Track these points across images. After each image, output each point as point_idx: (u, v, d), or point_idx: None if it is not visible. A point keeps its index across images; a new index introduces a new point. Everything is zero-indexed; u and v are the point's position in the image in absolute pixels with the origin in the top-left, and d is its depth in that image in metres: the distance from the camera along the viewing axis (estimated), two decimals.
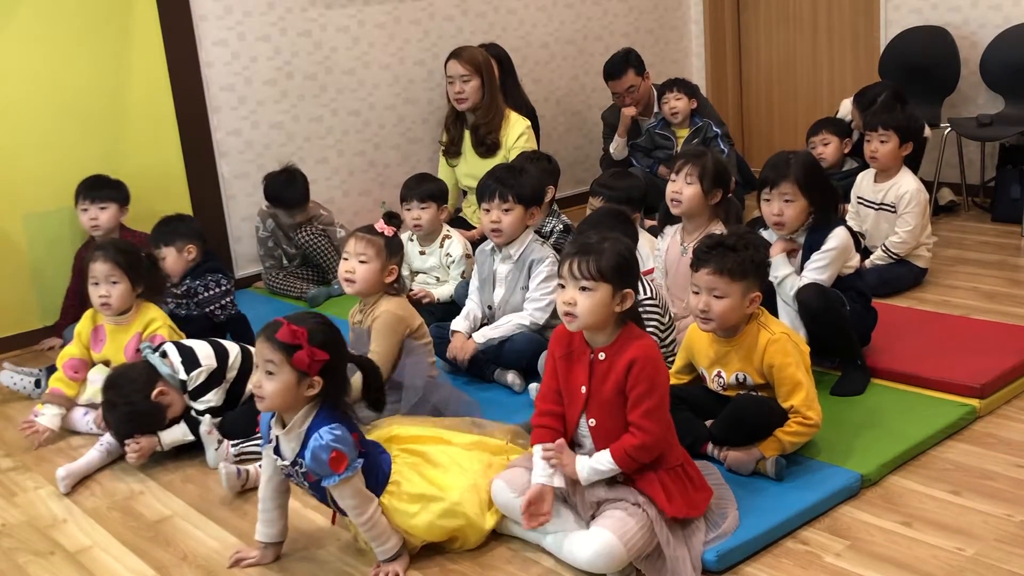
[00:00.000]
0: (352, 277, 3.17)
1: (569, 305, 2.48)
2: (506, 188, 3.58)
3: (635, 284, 2.55)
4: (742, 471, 2.81)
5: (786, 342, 2.80)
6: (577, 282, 2.48)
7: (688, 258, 3.47)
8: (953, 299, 4.19)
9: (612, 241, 2.54)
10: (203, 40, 4.87)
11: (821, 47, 6.38)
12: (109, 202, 4.31)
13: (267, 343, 2.44)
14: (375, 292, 3.21)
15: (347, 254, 3.19)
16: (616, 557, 2.40)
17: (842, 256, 3.38)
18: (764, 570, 2.47)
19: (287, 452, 2.50)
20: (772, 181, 3.38)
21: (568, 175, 5.70)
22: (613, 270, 2.47)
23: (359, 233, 3.21)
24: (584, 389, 2.54)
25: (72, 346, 3.60)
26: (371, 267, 3.16)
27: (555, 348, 2.63)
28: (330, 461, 2.39)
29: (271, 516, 2.64)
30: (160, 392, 3.19)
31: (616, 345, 2.51)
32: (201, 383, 3.28)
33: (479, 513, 2.61)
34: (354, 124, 5.42)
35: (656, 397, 2.47)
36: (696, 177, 3.53)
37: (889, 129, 4.27)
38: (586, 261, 2.47)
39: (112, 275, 3.49)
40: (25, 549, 2.86)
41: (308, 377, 2.44)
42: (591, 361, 2.53)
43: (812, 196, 3.36)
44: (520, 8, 5.97)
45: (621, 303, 2.49)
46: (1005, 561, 2.42)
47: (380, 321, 3.15)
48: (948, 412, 3.12)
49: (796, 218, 3.38)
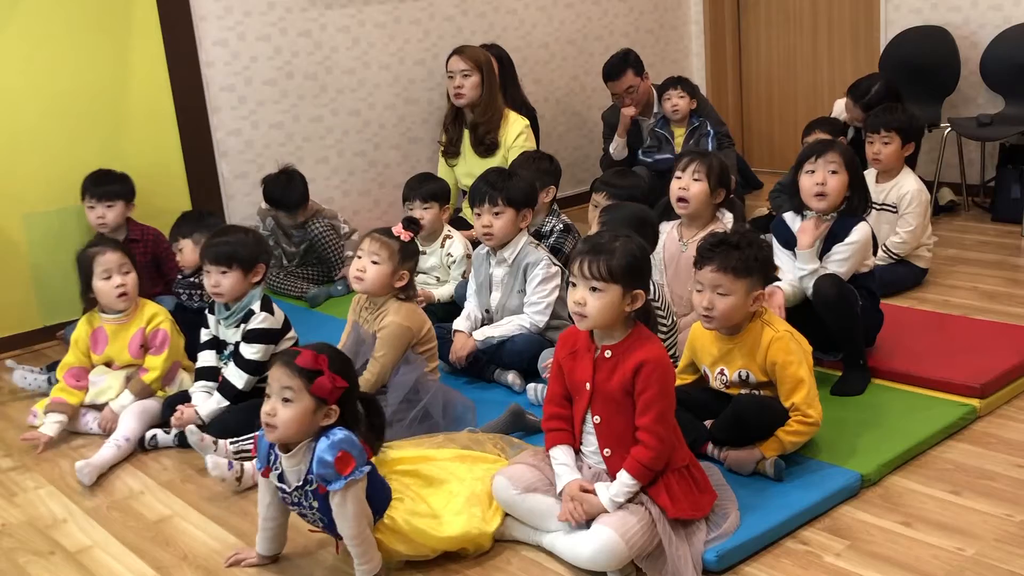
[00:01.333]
0: (362, 276, 3.17)
1: (579, 305, 2.48)
2: (496, 192, 3.59)
3: (646, 284, 2.55)
4: (742, 471, 2.81)
5: (789, 340, 2.80)
6: (588, 282, 2.47)
7: (687, 254, 3.49)
8: (953, 299, 4.19)
9: (624, 240, 2.52)
10: (203, 40, 4.87)
11: (821, 47, 6.38)
12: (116, 199, 4.31)
13: (285, 368, 2.38)
14: (382, 294, 3.21)
15: (361, 252, 3.19)
16: (617, 555, 2.40)
17: (862, 251, 3.38)
18: (764, 570, 2.47)
19: (293, 477, 2.45)
20: (819, 151, 3.40)
21: (568, 175, 5.70)
22: (624, 270, 2.46)
23: (375, 234, 3.21)
24: (588, 385, 2.53)
25: (69, 355, 3.59)
26: (382, 269, 3.16)
27: (561, 349, 2.63)
28: (336, 461, 2.35)
29: (272, 534, 2.63)
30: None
31: (624, 344, 2.50)
32: (260, 328, 3.29)
33: (481, 520, 2.60)
34: (354, 124, 5.42)
35: (667, 401, 2.46)
36: (703, 174, 3.54)
37: (891, 130, 4.27)
38: (597, 261, 2.46)
39: (123, 264, 3.51)
40: (25, 549, 2.86)
41: (325, 406, 2.39)
42: (596, 358, 2.53)
43: (852, 177, 3.37)
44: (520, 8, 5.97)
45: (632, 303, 2.48)
46: (1005, 561, 2.42)
47: (387, 331, 3.15)
48: (948, 412, 3.12)
49: (839, 192, 3.37)
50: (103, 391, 3.53)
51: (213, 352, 3.47)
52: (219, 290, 3.32)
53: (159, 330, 3.54)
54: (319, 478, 2.39)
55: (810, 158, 3.42)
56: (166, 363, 3.54)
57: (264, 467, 2.52)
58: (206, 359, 3.47)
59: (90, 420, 3.54)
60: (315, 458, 2.38)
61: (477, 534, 2.59)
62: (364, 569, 2.47)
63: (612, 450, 2.54)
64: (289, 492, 2.47)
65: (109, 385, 3.53)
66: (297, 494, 2.46)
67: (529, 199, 3.69)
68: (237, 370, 3.31)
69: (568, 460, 2.58)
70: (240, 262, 3.30)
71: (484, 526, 2.60)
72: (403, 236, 3.20)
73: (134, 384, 3.51)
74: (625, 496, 2.46)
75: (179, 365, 3.63)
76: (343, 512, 2.40)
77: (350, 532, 2.43)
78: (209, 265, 3.32)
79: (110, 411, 3.47)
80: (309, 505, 2.46)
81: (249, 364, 3.30)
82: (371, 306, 3.25)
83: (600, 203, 3.87)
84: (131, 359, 3.55)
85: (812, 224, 3.38)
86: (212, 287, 3.33)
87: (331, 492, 2.38)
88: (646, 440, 2.45)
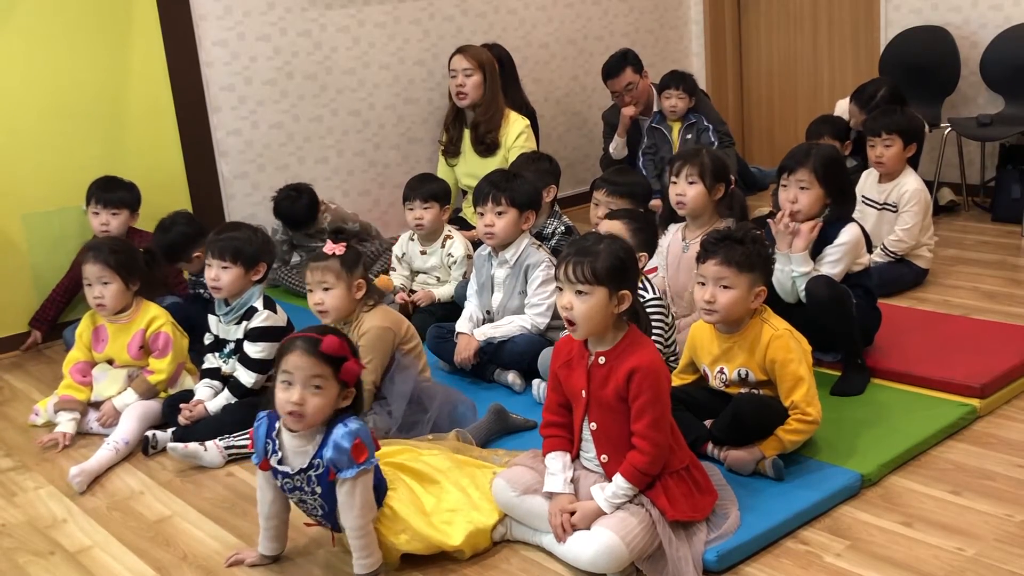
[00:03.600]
0: (323, 308, 3.12)
1: (567, 310, 2.48)
2: (500, 192, 3.59)
3: (633, 285, 2.54)
4: (742, 471, 2.81)
5: (788, 338, 2.80)
6: (573, 285, 2.47)
7: (689, 255, 3.49)
8: (953, 299, 4.19)
9: (608, 242, 2.53)
10: (203, 40, 4.87)
11: (821, 47, 6.38)
12: (122, 207, 4.31)
13: (310, 357, 2.37)
14: (351, 311, 3.16)
15: (310, 286, 3.14)
16: (618, 557, 2.40)
17: (853, 251, 3.39)
18: (764, 570, 2.47)
19: (297, 460, 2.44)
20: (790, 168, 3.41)
21: (568, 175, 5.70)
22: (608, 272, 2.46)
23: (312, 264, 3.14)
24: (584, 393, 2.53)
25: (75, 350, 3.60)
26: (336, 292, 3.11)
27: (555, 360, 2.63)
28: (353, 449, 2.36)
29: (275, 532, 2.62)
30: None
31: (617, 350, 2.50)
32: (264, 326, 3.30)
33: (477, 521, 2.60)
34: (354, 124, 5.42)
35: (660, 406, 2.46)
36: (697, 176, 3.54)
37: (893, 132, 4.27)
38: (581, 264, 2.46)
39: (103, 276, 3.48)
40: (25, 549, 2.86)
41: (347, 388, 2.41)
42: (590, 365, 2.53)
43: (829, 188, 3.37)
44: (520, 8, 5.97)
45: (619, 304, 2.48)
46: (1005, 561, 2.42)
47: (368, 337, 3.11)
48: (948, 412, 3.12)
49: (810, 207, 3.38)
50: (105, 387, 3.52)
51: (216, 354, 3.48)
52: (218, 284, 3.32)
53: (160, 333, 3.53)
54: (331, 462, 2.39)
55: (783, 173, 3.43)
56: (171, 365, 3.54)
57: (262, 459, 2.50)
58: (211, 361, 3.48)
59: (91, 419, 3.54)
60: (330, 443, 2.38)
61: (474, 531, 2.58)
62: (364, 564, 2.47)
63: (609, 456, 2.53)
64: (291, 475, 2.45)
65: (112, 382, 3.53)
66: (300, 478, 2.44)
67: (533, 201, 3.69)
68: (245, 370, 3.32)
69: (559, 469, 2.57)
70: (243, 258, 3.30)
71: (481, 525, 2.60)
72: (336, 251, 3.11)
73: (139, 383, 3.51)
74: (621, 499, 2.46)
75: (183, 366, 3.62)
76: (351, 502, 2.40)
77: (355, 523, 2.43)
78: (211, 259, 3.31)
79: (111, 407, 3.47)
80: (311, 490, 2.45)
81: (256, 363, 3.30)
82: (345, 327, 3.17)
83: (600, 201, 3.88)
84: (131, 360, 3.55)
85: (806, 228, 3.39)
86: (211, 280, 3.33)
87: (340, 480, 2.38)
88: (641, 445, 2.45)
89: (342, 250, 3.12)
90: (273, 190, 4.91)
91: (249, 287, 3.36)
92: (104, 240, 3.73)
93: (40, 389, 3.99)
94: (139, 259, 3.60)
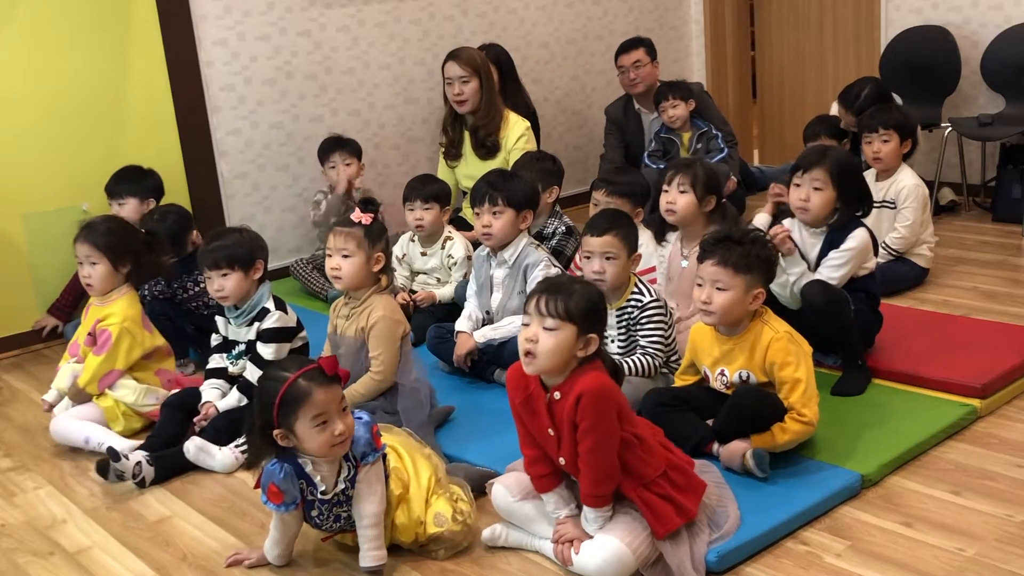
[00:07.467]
0: (338, 273, 3.13)
1: (530, 343, 2.37)
2: (496, 192, 3.59)
3: (601, 331, 2.45)
4: (732, 465, 2.80)
5: (788, 341, 2.80)
6: (543, 319, 2.38)
7: (688, 268, 3.49)
8: (954, 299, 4.19)
9: (584, 285, 2.49)
10: (203, 40, 4.87)
11: (827, 46, 6.38)
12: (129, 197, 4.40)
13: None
14: (365, 285, 3.15)
15: (330, 251, 3.14)
16: (626, 565, 2.39)
17: (859, 257, 3.38)
18: (764, 570, 2.47)
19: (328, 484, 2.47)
20: (805, 167, 3.39)
21: (568, 175, 5.65)
22: (581, 312, 2.37)
23: (337, 228, 3.14)
24: (551, 431, 2.45)
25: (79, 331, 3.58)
26: (355, 260, 3.10)
27: (513, 396, 2.51)
28: (373, 435, 2.49)
29: (288, 548, 2.64)
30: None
31: (569, 381, 2.41)
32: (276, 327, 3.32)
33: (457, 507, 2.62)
34: (354, 124, 5.42)
35: (601, 431, 2.36)
36: (688, 185, 3.54)
37: (890, 128, 4.28)
38: (554, 300, 2.38)
39: (91, 256, 3.44)
40: (25, 549, 2.86)
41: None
42: (548, 402, 2.45)
43: (841, 190, 3.36)
44: (520, 8, 5.97)
45: (584, 348, 2.39)
46: (1005, 561, 2.42)
47: (379, 328, 3.10)
48: (949, 412, 3.12)
49: (822, 207, 3.37)
50: (59, 379, 3.53)
51: (223, 355, 3.46)
52: (223, 293, 3.31)
53: (105, 330, 3.42)
54: (360, 456, 2.47)
55: (797, 171, 3.42)
56: (102, 367, 3.41)
57: (297, 503, 2.50)
58: (216, 361, 3.46)
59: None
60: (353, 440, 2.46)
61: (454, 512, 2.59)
62: (374, 556, 2.49)
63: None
64: (327, 499, 2.49)
65: (62, 376, 3.52)
66: (336, 496, 2.49)
67: (530, 200, 3.68)
68: (257, 370, 3.31)
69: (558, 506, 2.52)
70: (239, 262, 3.30)
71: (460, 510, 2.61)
72: (364, 220, 3.12)
73: (72, 387, 3.46)
74: (600, 522, 2.45)
75: (119, 373, 3.44)
76: (370, 489, 2.47)
77: (373, 510, 2.48)
78: (209, 271, 3.31)
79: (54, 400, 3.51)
80: (346, 499, 2.50)
81: (268, 363, 3.29)
82: (351, 302, 3.18)
83: (600, 201, 3.87)
84: (82, 345, 3.51)
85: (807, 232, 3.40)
86: (216, 292, 3.32)
87: (363, 467, 2.47)
88: (583, 470, 2.41)
89: (369, 220, 3.13)
90: (273, 190, 4.90)
91: (254, 287, 3.35)
92: (101, 219, 3.62)
93: (40, 389, 3.97)
94: (134, 241, 3.53)
